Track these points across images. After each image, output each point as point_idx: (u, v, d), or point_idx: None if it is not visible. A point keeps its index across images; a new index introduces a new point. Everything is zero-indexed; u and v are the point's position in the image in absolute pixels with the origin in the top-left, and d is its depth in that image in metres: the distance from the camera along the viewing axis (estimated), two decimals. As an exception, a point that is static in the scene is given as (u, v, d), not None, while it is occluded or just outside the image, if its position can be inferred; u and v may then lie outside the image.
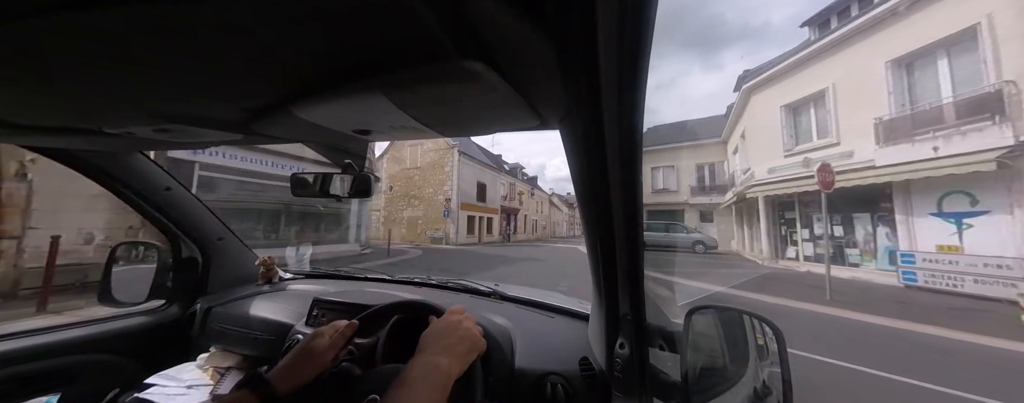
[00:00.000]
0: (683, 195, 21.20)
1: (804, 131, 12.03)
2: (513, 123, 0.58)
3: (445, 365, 0.56)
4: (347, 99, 0.44)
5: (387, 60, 0.38)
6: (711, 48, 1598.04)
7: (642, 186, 0.57)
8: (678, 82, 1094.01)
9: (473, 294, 1.30)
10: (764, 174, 12.80)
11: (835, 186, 7.42)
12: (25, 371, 0.96)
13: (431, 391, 0.52)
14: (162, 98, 0.50)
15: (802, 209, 11.48)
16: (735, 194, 15.31)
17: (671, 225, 18.49)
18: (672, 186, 21.99)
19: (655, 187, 22.61)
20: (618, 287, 0.72)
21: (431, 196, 23.15)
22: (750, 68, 14.88)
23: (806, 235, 11.38)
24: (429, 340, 0.62)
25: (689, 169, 21.51)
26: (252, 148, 9.30)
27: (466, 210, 23.33)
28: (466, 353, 0.62)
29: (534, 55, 0.37)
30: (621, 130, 0.46)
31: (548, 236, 42.98)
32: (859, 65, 9.98)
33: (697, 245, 16.45)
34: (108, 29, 0.32)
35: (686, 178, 21.47)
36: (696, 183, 21.05)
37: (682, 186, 21.51)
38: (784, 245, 12.31)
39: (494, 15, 0.30)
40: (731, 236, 18.33)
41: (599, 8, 0.29)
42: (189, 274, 1.35)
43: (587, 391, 0.78)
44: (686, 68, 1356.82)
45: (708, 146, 20.75)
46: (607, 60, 0.36)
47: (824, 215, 7.26)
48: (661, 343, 0.76)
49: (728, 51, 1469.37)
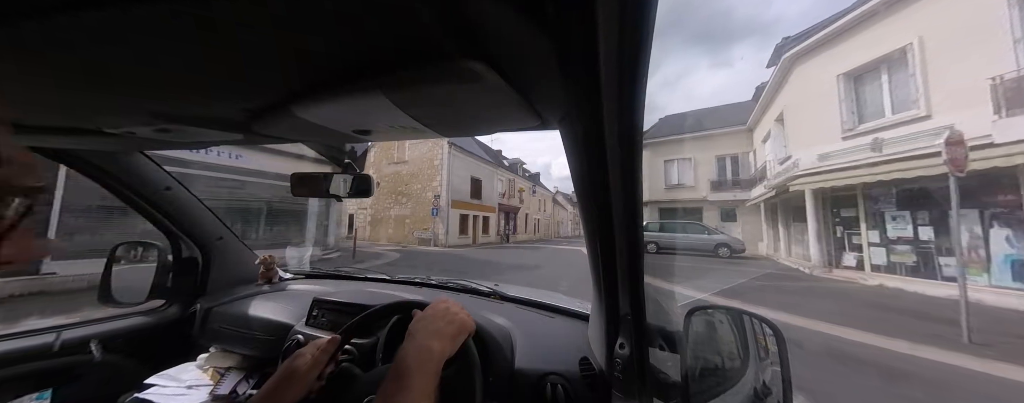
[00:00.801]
0: (701, 191, 18.59)
1: (872, 105, 9.21)
2: (513, 123, 0.58)
3: (437, 348, 0.58)
4: (347, 99, 0.44)
5: (387, 60, 0.38)
6: (720, 43, 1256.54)
7: (642, 186, 0.57)
8: (686, 78, 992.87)
9: (473, 294, 1.30)
10: (813, 162, 10.18)
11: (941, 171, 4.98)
12: (25, 371, 0.96)
13: (425, 377, 0.53)
14: (162, 98, 0.50)
15: (868, 205, 8.85)
16: (770, 188, 12.96)
17: (689, 225, 16.00)
18: (688, 181, 19.29)
19: (669, 182, 19.94)
20: (618, 287, 0.72)
21: (420, 193, 20.69)
22: (789, 34, 11.98)
23: (875, 238, 8.59)
24: (418, 326, 0.62)
25: (708, 162, 18.81)
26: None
27: (458, 208, 20.78)
28: (455, 334, 0.63)
29: (534, 55, 0.37)
30: (621, 130, 0.46)
31: (552, 236, 41.05)
32: (962, 5, 7.17)
33: (720, 248, 13.90)
34: (108, 29, 0.32)
35: (705, 172, 18.80)
36: (716, 177, 18.46)
37: (700, 181, 18.86)
38: (839, 250, 9.77)
39: (494, 15, 0.30)
40: (759, 237, 16.09)
41: (599, 8, 0.29)
42: (189, 274, 1.35)
43: (587, 391, 0.78)
44: (694, 63, 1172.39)
45: (731, 135, 18.21)
46: (607, 60, 0.35)
47: (954, 210, 4.44)
48: (661, 343, 0.76)
49: (739, 46, 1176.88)
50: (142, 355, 1.18)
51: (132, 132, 0.67)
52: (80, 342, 1.08)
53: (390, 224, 21.43)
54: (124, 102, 0.52)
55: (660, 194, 20.14)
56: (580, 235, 21.53)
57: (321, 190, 0.96)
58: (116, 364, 1.13)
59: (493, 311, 1.03)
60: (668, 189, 20.00)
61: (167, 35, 0.33)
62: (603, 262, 0.71)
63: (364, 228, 22.45)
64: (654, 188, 19.91)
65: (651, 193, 19.75)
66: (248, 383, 1.08)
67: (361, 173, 0.96)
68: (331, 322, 1.06)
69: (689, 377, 0.68)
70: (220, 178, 8.56)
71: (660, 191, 20.12)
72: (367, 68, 0.40)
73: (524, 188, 32.86)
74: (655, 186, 19.98)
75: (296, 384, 0.67)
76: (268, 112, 0.53)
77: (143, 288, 1.24)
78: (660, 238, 15.71)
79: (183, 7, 0.28)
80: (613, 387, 0.75)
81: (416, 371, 0.53)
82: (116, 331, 1.16)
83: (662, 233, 16.24)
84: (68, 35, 0.32)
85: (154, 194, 1.17)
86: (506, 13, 0.30)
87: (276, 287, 1.47)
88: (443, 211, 19.49)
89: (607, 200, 0.59)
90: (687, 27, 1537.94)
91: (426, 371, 0.54)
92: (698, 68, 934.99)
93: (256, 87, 0.46)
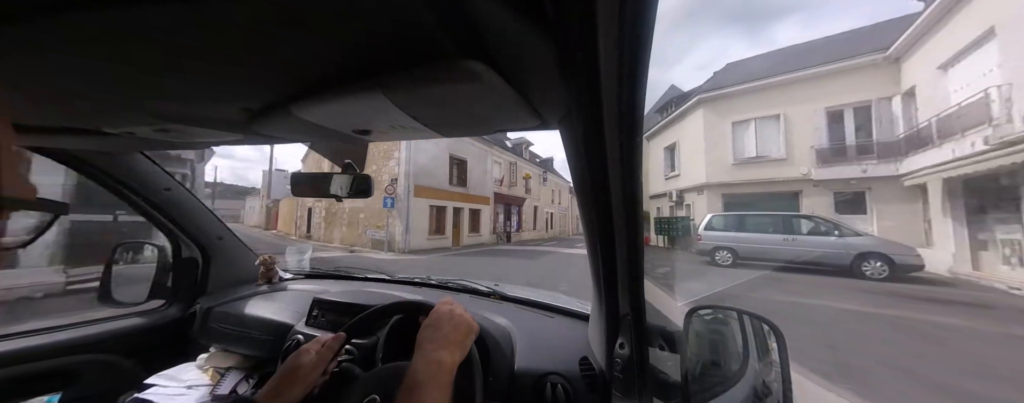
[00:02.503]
0: (798, 165, 11.84)
1: None
2: (513, 123, 0.58)
3: (447, 360, 0.58)
4: (347, 99, 0.44)
5: (387, 60, 0.38)
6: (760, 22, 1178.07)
7: (642, 186, 0.57)
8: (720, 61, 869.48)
9: (473, 294, 1.30)
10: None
11: None
12: (25, 371, 0.96)
13: (438, 390, 0.53)
14: (162, 98, 0.50)
15: None
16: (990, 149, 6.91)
17: (795, 220, 9.23)
18: (774, 151, 12.41)
19: (739, 155, 13.04)
20: (618, 287, 0.72)
21: (375, 177, 11.46)
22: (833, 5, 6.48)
23: None
24: (426, 335, 0.63)
25: (808, 119, 11.87)
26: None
27: (429, 198, 15.21)
28: (463, 339, 0.64)
29: (534, 55, 0.37)
30: (621, 130, 0.46)
31: (568, 233, 33.41)
32: None
33: (867, 262, 7.57)
34: (108, 29, 0.32)
35: (803, 135, 11.92)
36: (827, 143, 11.52)
37: (796, 149, 12.01)
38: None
39: (494, 15, 0.30)
40: (924, 240, 9.29)
41: (599, 8, 0.29)
42: (189, 274, 1.35)
43: (587, 391, 0.78)
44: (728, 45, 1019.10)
45: (855, 74, 11.33)
46: (607, 60, 0.36)
47: None
48: (661, 343, 0.76)
49: (780, 25, 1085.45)
50: (142, 355, 1.18)
51: (132, 132, 0.67)
52: (81, 342, 1.08)
53: (343, 221, 16.47)
54: (124, 102, 0.52)
55: (724, 173, 13.27)
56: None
57: (321, 190, 0.97)
58: (116, 364, 1.13)
59: (493, 311, 1.03)
60: (737, 165, 13.03)
61: (167, 35, 0.33)
62: (603, 262, 0.71)
63: (320, 226, 18.23)
64: (718, 164, 13.44)
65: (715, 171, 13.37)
66: (248, 383, 1.08)
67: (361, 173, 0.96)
68: (331, 322, 1.06)
69: (689, 377, 0.69)
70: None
71: (726, 168, 13.28)
72: (367, 68, 0.40)
73: (531, 174, 26.08)
74: (720, 161, 13.44)
75: (299, 381, 0.67)
76: (268, 112, 0.53)
77: (143, 288, 1.25)
78: (740, 243, 9.34)
79: (183, 7, 0.28)
80: (613, 387, 0.75)
81: (427, 384, 0.53)
82: (116, 331, 1.17)
83: (744, 234, 9.44)
84: (68, 35, 0.33)
85: (154, 194, 1.17)
86: (506, 13, 0.30)
87: (276, 287, 1.47)
88: (402, 201, 13.92)
89: (607, 200, 0.59)
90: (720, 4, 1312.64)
91: (439, 383, 0.54)
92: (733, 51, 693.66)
93: (256, 87, 0.46)
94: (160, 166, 1.16)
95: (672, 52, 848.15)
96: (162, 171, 1.17)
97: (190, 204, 1.28)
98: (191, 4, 0.28)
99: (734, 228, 9.75)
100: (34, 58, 0.37)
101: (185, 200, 1.26)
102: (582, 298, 1.20)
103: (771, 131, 12.61)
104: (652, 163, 19.34)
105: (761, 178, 12.51)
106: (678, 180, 16.56)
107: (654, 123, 19.65)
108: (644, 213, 7.65)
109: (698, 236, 10.46)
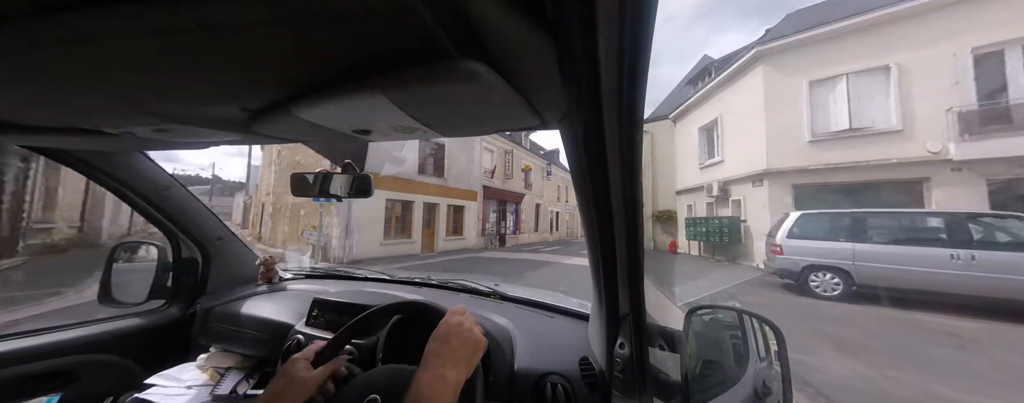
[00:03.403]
0: (923, 139, 7.78)
1: None
2: (513, 123, 0.58)
3: (452, 377, 0.57)
4: (347, 99, 0.44)
5: (387, 60, 0.38)
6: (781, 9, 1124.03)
7: (642, 186, 0.57)
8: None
9: (473, 294, 1.30)
10: None
11: None
12: (25, 371, 0.96)
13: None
14: (162, 98, 0.50)
15: None
16: None
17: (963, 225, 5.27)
18: (878, 120, 8.30)
19: (819, 129, 9.00)
20: (618, 287, 0.72)
21: (319, 164, 3.96)
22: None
23: None
24: (433, 348, 0.61)
25: (941, 67, 7.71)
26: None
27: (385, 189, 11.68)
28: (470, 356, 0.62)
29: (534, 55, 0.37)
30: (621, 130, 0.47)
31: (575, 235, 28.59)
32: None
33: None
34: (108, 29, 0.32)
35: (932, 93, 7.73)
36: (975, 103, 7.39)
37: (918, 116, 7.89)
38: None
39: (494, 15, 0.30)
40: None
41: (599, 8, 0.29)
42: (189, 274, 1.35)
43: (587, 391, 0.78)
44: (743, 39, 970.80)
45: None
46: (607, 60, 0.36)
47: None
48: (661, 343, 0.76)
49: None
50: (142, 355, 1.18)
51: (132, 132, 0.67)
52: (81, 342, 1.08)
53: (285, 217, 13.34)
54: (124, 102, 0.52)
55: (796, 155, 9.26)
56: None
57: (321, 190, 0.97)
58: (116, 364, 1.13)
59: (493, 311, 1.03)
60: (818, 142, 8.97)
61: (167, 35, 0.33)
62: (603, 262, 0.72)
63: (266, 222, 15.26)
64: (787, 143, 9.44)
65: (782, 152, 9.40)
66: (248, 383, 1.08)
67: (361, 173, 0.96)
68: (331, 322, 1.06)
69: (689, 377, 0.69)
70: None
71: (799, 148, 9.26)
72: (367, 68, 0.40)
73: (532, 166, 21.59)
74: (790, 139, 9.43)
75: (296, 391, 0.65)
76: (268, 112, 0.53)
77: (143, 288, 1.25)
78: (857, 260, 5.81)
79: (183, 7, 0.28)
80: (613, 387, 0.75)
81: (431, 401, 0.53)
82: (116, 331, 1.17)
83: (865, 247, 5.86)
84: (68, 35, 0.33)
85: (154, 194, 1.17)
86: (506, 13, 0.30)
87: (276, 287, 1.47)
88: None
89: (607, 200, 0.59)
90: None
91: (443, 402, 0.53)
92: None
93: (256, 87, 0.46)
94: (160, 166, 1.16)
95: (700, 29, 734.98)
96: (162, 171, 1.17)
97: (190, 204, 1.28)
98: (191, 4, 0.28)
99: (843, 235, 6.03)
100: (34, 58, 0.37)
101: (185, 200, 1.26)
102: (582, 300, 1.20)
103: (875, 90, 8.26)
104: (680, 149, 15.53)
105: (858, 160, 8.23)
106: (720, 168, 12.21)
107: (682, 100, 15.51)
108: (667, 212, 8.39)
109: (775, 246, 6.59)
